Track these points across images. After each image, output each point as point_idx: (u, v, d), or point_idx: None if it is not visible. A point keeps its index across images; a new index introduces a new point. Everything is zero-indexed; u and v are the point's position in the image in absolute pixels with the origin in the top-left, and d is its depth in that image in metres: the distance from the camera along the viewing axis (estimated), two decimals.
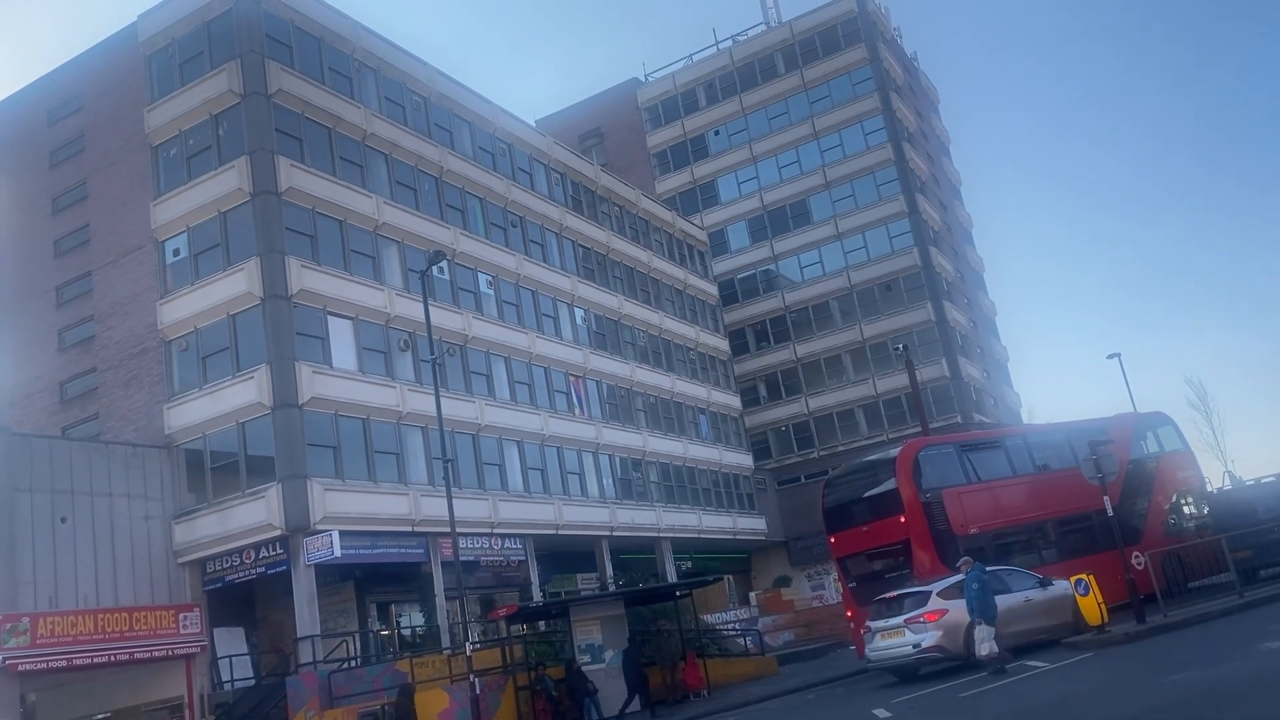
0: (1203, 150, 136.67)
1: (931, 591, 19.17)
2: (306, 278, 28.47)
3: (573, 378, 39.08)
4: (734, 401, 51.39)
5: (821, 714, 18.53)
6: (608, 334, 42.43)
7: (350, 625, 28.91)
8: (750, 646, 33.26)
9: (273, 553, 27.10)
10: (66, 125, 33.84)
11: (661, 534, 41.36)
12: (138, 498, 27.45)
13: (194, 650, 26.57)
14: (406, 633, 31.13)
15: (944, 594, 18.84)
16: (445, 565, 29.56)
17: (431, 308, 25.81)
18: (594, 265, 43.02)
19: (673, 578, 39.29)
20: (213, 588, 28.10)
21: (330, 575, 28.30)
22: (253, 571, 27.56)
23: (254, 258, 28.07)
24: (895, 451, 24.09)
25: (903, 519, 22.60)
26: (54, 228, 33.37)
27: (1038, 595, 20.13)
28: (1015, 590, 19.87)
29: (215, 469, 28.30)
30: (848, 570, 24.45)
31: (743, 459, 50.01)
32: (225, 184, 28.89)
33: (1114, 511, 21.57)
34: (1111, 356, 43.52)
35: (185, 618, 26.69)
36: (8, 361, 33.63)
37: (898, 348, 47.62)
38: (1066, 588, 20.32)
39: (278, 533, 26.63)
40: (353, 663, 25.98)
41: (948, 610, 18.43)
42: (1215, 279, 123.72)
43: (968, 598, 17.91)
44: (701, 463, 46.03)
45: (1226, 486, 31.24)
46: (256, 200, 28.41)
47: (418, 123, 34.83)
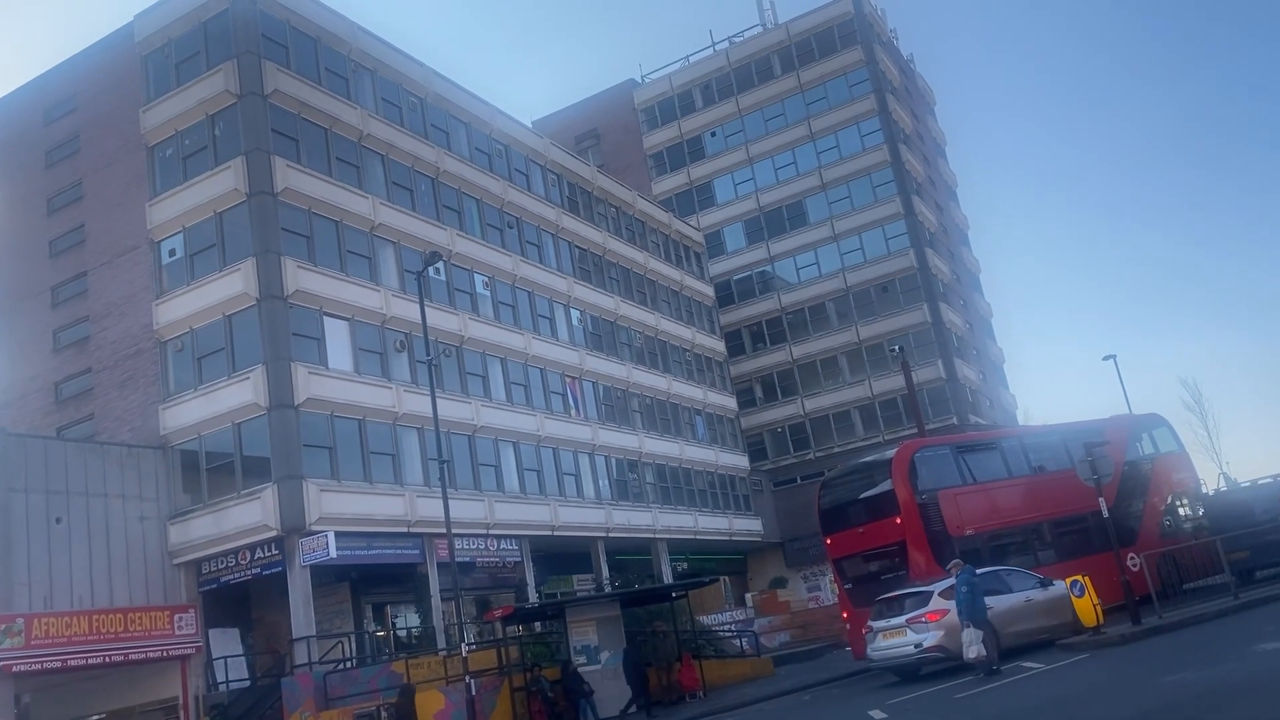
0: (1198, 152, 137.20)
1: (933, 591, 19.25)
2: (302, 278, 28.44)
3: (569, 379, 39.08)
4: (730, 403, 51.41)
5: (818, 715, 18.56)
6: (604, 335, 42.43)
7: (346, 626, 28.88)
8: (746, 647, 33.22)
9: (268, 554, 27.05)
10: (62, 125, 33.78)
11: (657, 535, 41.36)
12: (133, 498, 27.40)
13: (189, 651, 26.48)
14: (402, 634, 31.13)
15: (946, 594, 18.88)
16: (441, 566, 29.55)
17: (427, 308, 25.84)
18: (590, 266, 43.02)
19: (669, 579, 39.23)
20: (208, 589, 28.05)
21: (326, 576, 28.26)
22: (248, 572, 27.53)
23: (250, 258, 28.04)
24: (891, 453, 24.08)
25: (898, 520, 22.60)
26: (49, 228, 33.32)
27: (1038, 595, 20.19)
28: (1016, 590, 19.96)
29: (211, 470, 28.25)
30: (844, 571, 24.46)
31: (739, 460, 50.01)
32: (221, 184, 28.85)
33: (1109, 513, 21.65)
34: (1107, 358, 43.63)
35: (180, 619, 26.62)
36: (2, 362, 33.60)
37: (894, 349, 47.62)
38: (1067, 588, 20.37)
39: (273, 533, 26.60)
40: (348, 664, 25.95)
41: (949, 610, 18.48)
42: (1211, 281, 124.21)
43: (957, 600, 18.05)
44: (697, 464, 46.03)
45: (1221, 488, 31.29)
46: (252, 201, 28.38)
47: (414, 123, 34.82)
